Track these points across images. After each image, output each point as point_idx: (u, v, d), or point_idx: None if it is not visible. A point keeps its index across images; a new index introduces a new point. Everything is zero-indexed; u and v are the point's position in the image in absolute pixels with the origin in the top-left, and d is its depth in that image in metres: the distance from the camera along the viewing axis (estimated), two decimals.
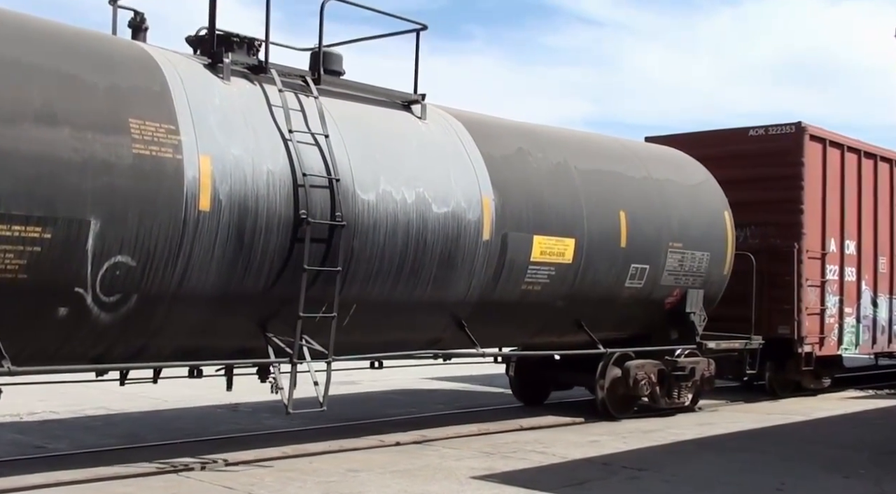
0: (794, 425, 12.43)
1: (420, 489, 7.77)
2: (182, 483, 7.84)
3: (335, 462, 8.84)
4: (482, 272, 9.95)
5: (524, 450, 9.73)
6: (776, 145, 15.26)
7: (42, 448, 9.30)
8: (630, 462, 9.14)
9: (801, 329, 14.87)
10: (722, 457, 9.72)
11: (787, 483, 8.39)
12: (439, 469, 8.63)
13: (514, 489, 7.79)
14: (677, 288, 12.51)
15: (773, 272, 15.05)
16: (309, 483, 7.88)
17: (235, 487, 7.66)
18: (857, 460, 9.65)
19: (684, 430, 11.45)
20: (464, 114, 10.57)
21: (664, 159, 13.02)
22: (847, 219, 16.04)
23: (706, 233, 12.79)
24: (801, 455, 9.97)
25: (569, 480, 8.25)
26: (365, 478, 8.12)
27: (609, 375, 12.16)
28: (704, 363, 13.15)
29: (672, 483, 8.27)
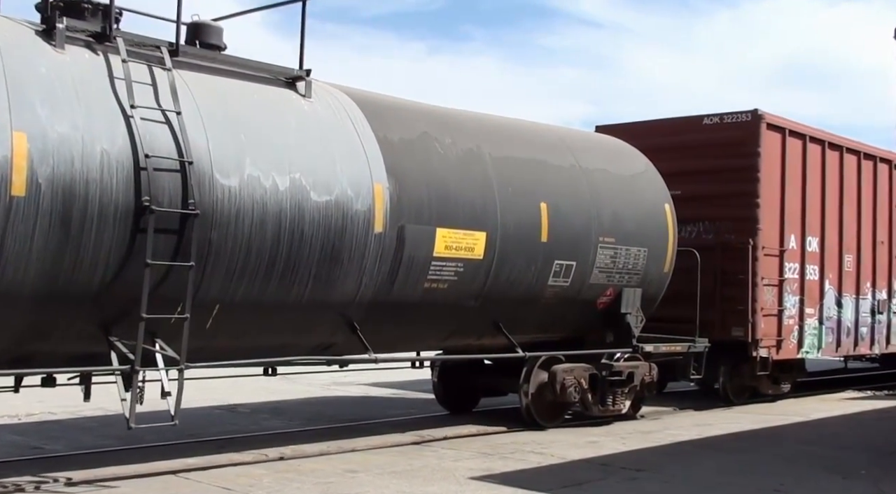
0: (793, 426, 12.38)
1: (419, 489, 7.72)
2: (180, 484, 7.77)
3: (333, 462, 8.85)
4: (375, 269, 8.93)
5: (522, 451, 9.67)
6: (731, 134, 14.23)
7: (39, 448, 9.19)
8: (628, 463, 9.09)
9: (755, 331, 13.85)
10: (720, 458, 9.70)
11: (785, 483, 8.34)
12: (437, 469, 8.60)
13: (513, 489, 7.75)
14: (610, 286, 11.50)
15: (727, 270, 14.03)
16: (307, 483, 7.83)
17: (234, 488, 7.59)
18: (856, 461, 9.59)
19: (683, 431, 11.42)
20: (359, 94, 9.55)
21: (598, 148, 12.00)
22: (809, 214, 14.99)
23: (643, 227, 11.77)
24: (800, 455, 9.95)
25: (567, 481, 8.22)
26: (363, 479, 8.08)
27: (534, 380, 11.16)
28: (645, 367, 12.14)
29: (670, 484, 8.25)
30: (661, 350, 12.27)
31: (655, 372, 12.39)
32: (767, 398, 14.84)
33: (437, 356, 11.57)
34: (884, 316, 17.00)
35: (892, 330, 17.25)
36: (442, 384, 12.25)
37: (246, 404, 12.66)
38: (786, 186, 14.47)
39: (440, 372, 12.17)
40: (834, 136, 15.70)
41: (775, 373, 14.87)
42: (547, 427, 11.23)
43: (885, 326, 17.03)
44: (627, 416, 12.20)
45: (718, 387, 14.46)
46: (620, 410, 11.92)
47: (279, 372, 9.65)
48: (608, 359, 11.74)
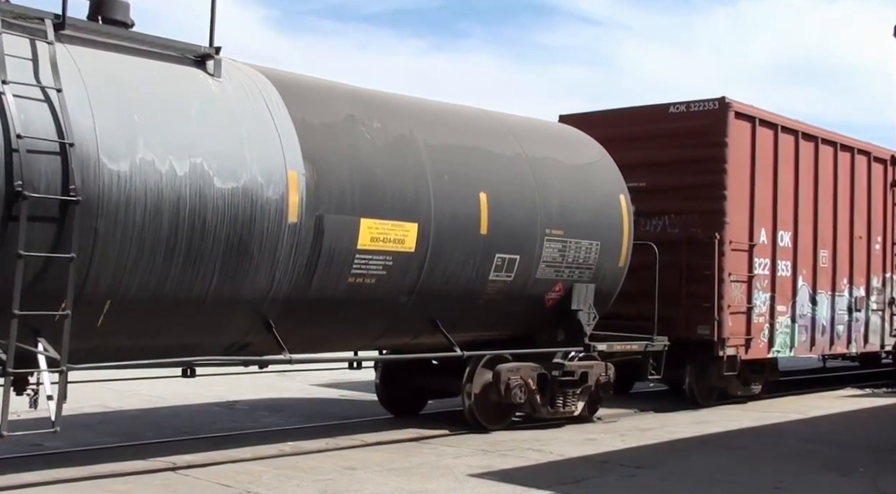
0: (791, 423, 12.32)
1: (418, 486, 7.71)
2: (180, 481, 7.73)
3: (332, 459, 8.81)
4: (290, 262, 8.28)
5: (521, 449, 9.63)
6: (698, 123, 13.57)
7: (39, 445, 9.14)
8: (627, 460, 9.07)
9: (722, 329, 13.19)
10: (719, 455, 9.68)
11: (784, 481, 8.31)
12: (437, 466, 8.57)
13: (512, 486, 7.71)
14: (559, 282, 10.85)
15: (693, 266, 13.39)
16: (306, 480, 7.80)
17: (233, 485, 7.57)
18: (854, 458, 9.58)
19: (682, 428, 11.41)
20: (278, 74, 8.89)
21: (547, 135, 11.34)
22: (781, 207, 14.34)
23: (595, 219, 11.12)
24: (799, 453, 9.93)
25: (566, 478, 8.19)
26: (362, 476, 8.06)
27: (478, 380, 10.53)
28: (600, 367, 11.51)
29: (669, 481, 8.24)
30: (616, 349, 11.63)
31: (612, 372, 11.75)
32: (737, 399, 14.20)
33: (381, 356, 10.94)
34: (862, 313, 16.34)
35: (870, 329, 16.59)
36: (385, 385, 11.59)
37: (245, 401, 12.69)
38: (756, 178, 13.81)
39: (382, 373, 11.52)
40: (807, 126, 15.04)
41: (745, 374, 14.23)
42: (491, 430, 10.60)
43: (862, 324, 16.38)
44: (582, 418, 11.56)
45: (685, 388, 13.84)
46: (572, 412, 11.28)
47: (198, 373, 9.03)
48: (561, 358, 11.13)
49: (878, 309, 16.80)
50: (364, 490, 7.53)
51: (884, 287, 16.97)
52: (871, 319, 16.61)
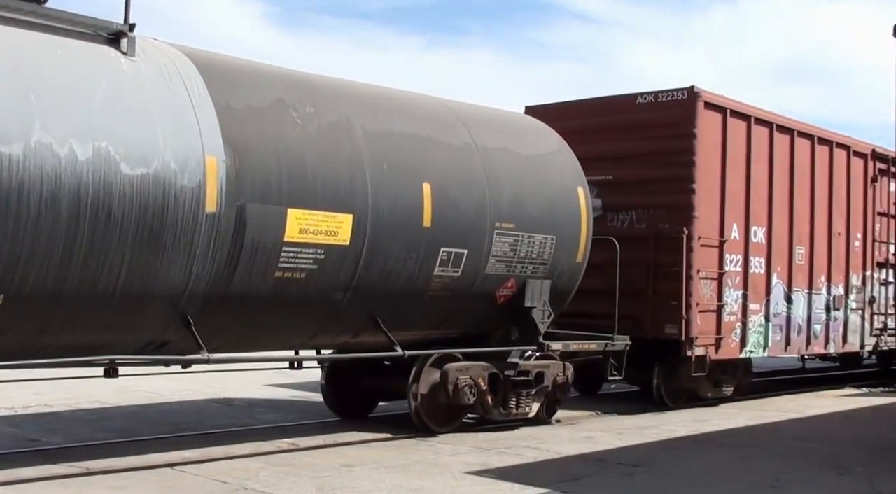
0: (789, 422, 12.33)
1: (415, 484, 7.69)
2: (177, 478, 7.70)
3: (329, 456, 8.79)
4: (209, 255, 7.73)
5: (519, 446, 9.62)
6: (666, 114, 13.04)
7: (36, 441, 9.16)
8: (625, 459, 9.06)
9: (690, 328, 12.65)
10: (716, 454, 9.68)
11: (781, 479, 8.32)
12: (434, 464, 8.55)
13: (509, 484, 7.70)
14: (511, 278, 10.31)
15: (661, 262, 12.86)
16: (303, 477, 7.80)
17: (230, 481, 7.56)
18: (851, 457, 9.59)
19: (679, 427, 11.40)
20: (201, 54, 8.32)
21: (502, 125, 10.78)
22: (754, 202, 13.79)
23: (551, 212, 10.58)
24: (796, 451, 9.92)
25: (563, 476, 8.17)
26: (359, 473, 8.05)
27: (425, 381, 10.01)
28: (557, 367, 10.99)
29: (666, 480, 8.23)
30: (572, 348, 11.10)
31: (571, 372, 11.23)
32: (707, 402, 13.66)
33: (319, 356, 10.38)
34: (840, 312, 15.79)
35: (849, 328, 16.04)
36: (331, 386, 11.04)
37: (242, 398, 12.70)
38: (727, 171, 13.27)
39: (328, 373, 10.98)
40: (783, 118, 14.50)
41: (716, 375, 13.71)
42: (439, 433, 10.08)
43: (841, 324, 15.83)
44: (539, 421, 11.05)
45: (652, 390, 13.31)
46: (527, 413, 10.75)
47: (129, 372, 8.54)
48: (518, 358, 10.61)
49: (857, 308, 16.26)
50: (361, 488, 7.50)
51: (864, 285, 16.44)
52: (851, 318, 16.07)
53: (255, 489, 7.38)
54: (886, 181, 17.13)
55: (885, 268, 17.09)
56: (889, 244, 17.20)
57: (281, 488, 7.43)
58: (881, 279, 17.01)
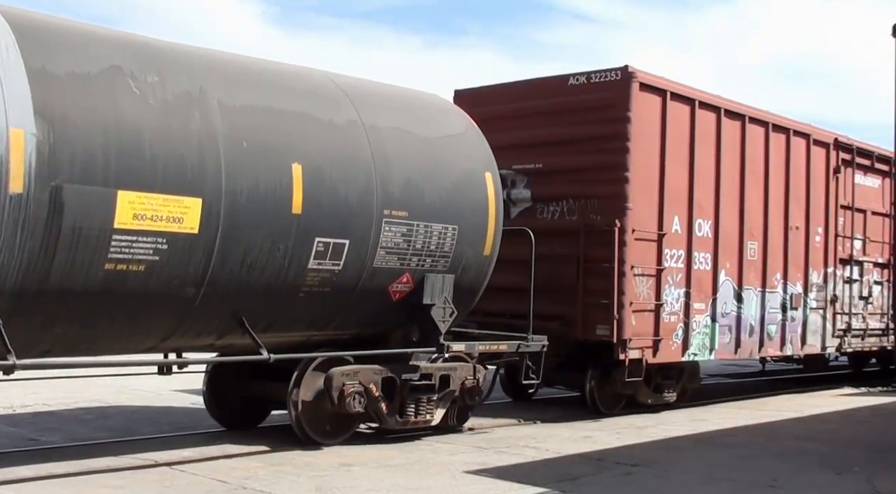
0: (787, 421, 12.32)
1: (414, 483, 7.68)
2: (175, 477, 7.68)
3: (328, 456, 8.73)
4: (16, 244, 6.69)
5: (518, 446, 9.60)
6: (599, 97, 11.98)
7: (35, 440, 9.15)
8: (623, 458, 9.07)
9: (622, 329, 11.60)
10: (715, 453, 9.66)
11: (780, 479, 8.32)
12: (433, 463, 8.54)
13: (508, 483, 7.71)
14: (406, 272, 9.27)
15: (591, 257, 11.81)
16: (302, 477, 7.80)
17: (229, 480, 7.55)
18: (849, 457, 9.57)
19: (677, 426, 11.41)
20: (18, 13, 7.22)
21: (398, 103, 9.72)
22: (699, 193, 12.74)
23: (452, 200, 9.53)
24: (794, 451, 9.91)
25: (562, 475, 8.18)
26: (358, 472, 8.04)
27: (308, 387, 9.00)
28: (465, 370, 9.96)
29: (665, 479, 8.22)
30: (478, 349, 10.05)
31: (483, 376, 10.20)
32: (647, 408, 12.61)
33: (212, 358, 9.34)
34: (798, 312, 14.73)
35: (809, 329, 14.97)
36: (213, 393, 9.98)
37: None
38: (667, 160, 12.21)
39: (210, 379, 9.93)
40: (732, 103, 13.44)
41: (656, 380, 12.66)
42: (325, 445, 9.06)
43: (799, 324, 14.76)
44: (446, 429, 10.05)
45: (585, 396, 12.26)
46: (429, 422, 9.72)
47: None
48: (424, 360, 9.59)
49: (818, 307, 15.19)
50: (360, 487, 7.47)
51: (825, 283, 15.37)
52: (810, 318, 15.00)
53: (253, 488, 7.36)
54: (851, 172, 16.08)
55: (849, 265, 16.04)
56: (854, 239, 16.17)
57: (279, 487, 7.40)
58: (845, 276, 15.96)
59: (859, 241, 16.40)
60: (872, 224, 16.75)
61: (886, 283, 17.10)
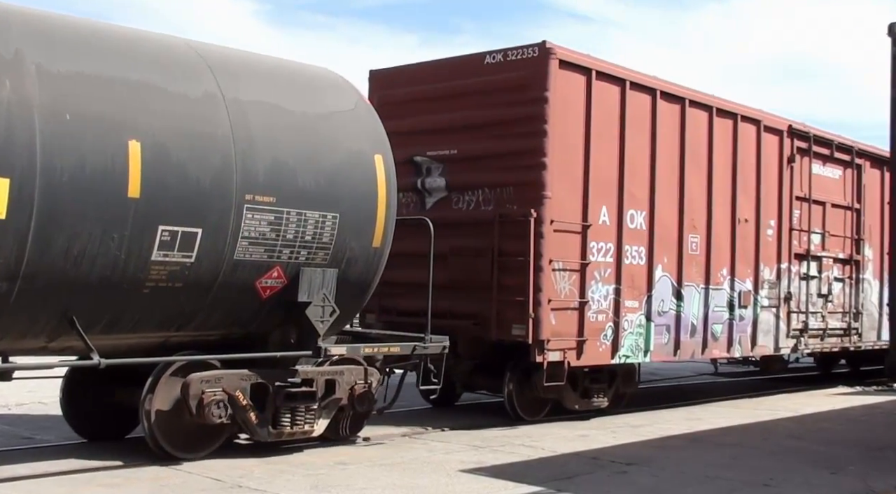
0: (782, 421, 12.30)
1: (409, 481, 7.70)
2: (171, 475, 7.64)
3: (324, 455, 8.74)
4: None
5: (513, 445, 9.61)
6: (515, 76, 11.03)
7: (30, 439, 9.17)
8: (618, 457, 9.10)
9: (539, 329, 10.63)
10: (710, 452, 9.67)
11: (774, 478, 8.34)
12: (428, 462, 8.57)
13: (503, 482, 7.74)
14: (276, 265, 8.30)
15: (506, 251, 10.85)
16: (298, 475, 7.80)
17: (224, 479, 7.54)
18: (844, 456, 9.60)
19: (672, 425, 11.39)
20: None
21: (271, 76, 8.71)
22: (631, 182, 11.78)
23: (332, 185, 8.55)
24: (789, 450, 9.93)
25: (557, 474, 8.19)
26: (353, 471, 8.06)
27: (164, 395, 8.03)
28: (355, 374, 9.01)
29: (659, 478, 8.24)
30: (364, 352, 9.07)
31: (376, 381, 9.24)
32: (575, 414, 11.63)
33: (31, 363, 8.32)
34: (748, 310, 13.76)
35: (760, 328, 13.99)
36: (70, 400, 8.97)
37: None
38: (592, 145, 11.25)
39: (67, 385, 8.94)
40: (670, 85, 12.48)
41: (584, 384, 11.69)
42: (185, 461, 8.09)
43: (749, 323, 13.79)
44: (337, 440, 9.11)
45: (504, 401, 11.29)
46: (309, 433, 8.74)
47: None
48: (309, 364, 8.66)
49: (770, 305, 14.22)
50: (355, 486, 7.48)
51: (778, 279, 14.40)
52: (762, 317, 14.02)
53: (249, 487, 7.33)
54: (807, 162, 15.13)
55: (805, 261, 15.08)
56: (811, 233, 15.21)
57: (275, 486, 7.37)
58: (801, 273, 14.99)
59: (818, 236, 15.44)
60: (833, 217, 15.80)
61: (849, 280, 16.15)
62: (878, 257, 16.98)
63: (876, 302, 16.95)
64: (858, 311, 16.35)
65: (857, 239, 16.38)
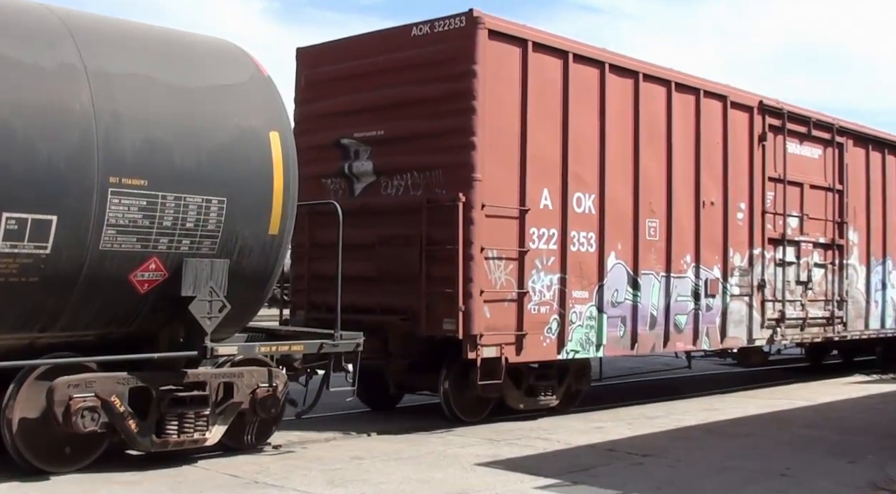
0: (799, 410, 12.23)
1: (425, 475, 7.72)
2: (188, 472, 7.68)
3: (339, 450, 8.81)
4: None
5: (529, 437, 9.62)
6: (442, 49, 10.19)
7: None
8: (634, 448, 9.05)
9: (470, 323, 9.79)
10: (726, 442, 9.61)
11: (792, 467, 8.27)
12: (444, 455, 8.60)
13: (519, 475, 7.71)
14: (153, 256, 7.49)
15: (435, 239, 10.02)
16: (314, 470, 7.81)
17: (240, 475, 7.56)
18: (862, 445, 9.51)
19: (688, 416, 11.32)
20: None
21: (149, 45, 7.86)
22: (577, 162, 10.91)
23: (217, 165, 7.70)
24: (806, 440, 9.88)
25: (573, 466, 8.16)
26: (369, 465, 8.07)
27: (27, 403, 7.23)
28: (256, 375, 8.21)
29: (676, 469, 8.19)
30: (260, 351, 8.24)
31: (281, 383, 8.42)
32: (521, 414, 10.79)
33: None
34: (717, 300, 12.86)
35: (730, 319, 13.08)
36: None
37: None
38: (529, 122, 10.39)
39: None
40: (622, 58, 11.61)
41: (530, 381, 10.84)
42: (53, 475, 7.29)
43: (717, 314, 12.88)
44: (242, 448, 8.33)
45: (440, 401, 10.46)
46: (199, 441, 7.90)
47: None
48: (210, 364, 7.88)
49: (742, 293, 13.32)
50: (371, 480, 7.48)
51: (750, 266, 13.50)
52: (732, 306, 13.13)
53: (265, 482, 7.35)
54: (782, 140, 14.21)
55: (781, 246, 14.16)
56: (787, 216, 14.29)
57: (291, 481, 7.38)
58: (777, 258, 14.08)
59: (795, 219, 14.53)
60: (812, 199, 14.88)
61: (831, 266, 15.21)
62: (865, 241, 16.06)
63: (863, 288, 16.03)
64: (843, 299, 15.42)
65: (841, 222, 15.46)
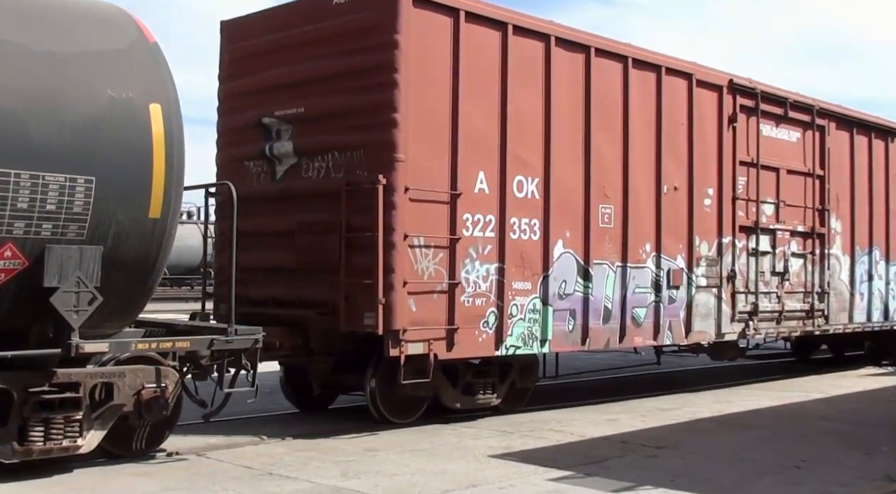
0: (813, 402, 12.19)
1: (438, 467, 7.71)
2: (202, 464, 7.72)
3: (353, 441, 8.79)
4: None
5: (542, 429, 9.60)
6: (363, 18, 9.37)
7: None
8: (648, 441, 9.04)
9: (392, 317, 8.98)
10: (740, 434, 9.59)
11: (806, 460, 8.26)
12: (457, 447, 8.58)
13: (533, 467, 7.70)
14: (7, 242, 6.70)
15: (354, 225, 9.21)
16: (327, 462, 7.82)
17: (255, 466, 7.60)
18: (876, 437, 9.47)
19: (702, 408, 11.34)
20: None
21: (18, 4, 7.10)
22: (517, 143, 10.06)
23: (84, 140, 6.87)
24: (820, 432, 9.83)
25: (587, 458, 8.14)
26: (383, 457, 8.08)
27: None
28: (142, 375, 7.44)
29: (690, 461, 8.17)
30: (137, 348, 7.45)
31: (173, 381, 7.64)
32: (460, 414, 10.00)
33: None
34: (680, 291, 11.98)
35: (696, 312, 12.19)
36: None
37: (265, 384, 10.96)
38: (462, 99, 9.54)
39: None
40: (570, 31, 10.73)
41: (466, 379, 10.04)
42: None
43: (681, 307, 12.00)
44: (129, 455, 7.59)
45: (366, 401, 9.67)
46: (71, 449, 7.10)
47: None
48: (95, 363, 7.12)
49: (709, 285, 12.44)
50: (385, 471, 7.51)
51: (719, 256, 12.62)
52: (698, 299, 12.25)
53: (279, 474, 7.38)
54: (755, 122, 13.32)
55: (754, 234, 13.28)
56: (761, 203, 13.41)
57: (305, 472, 7.43)
58: (749, 248, 13.20)
59: (770, 206, 13.64)
60: (789, 185, 13.97)
61: (811, 256, 14.31)
62: (849, 229, 15.15)
63: (846, 280, 15.12)
64: (824, 291, 14.51)
65: (822, 209, 14.56)
